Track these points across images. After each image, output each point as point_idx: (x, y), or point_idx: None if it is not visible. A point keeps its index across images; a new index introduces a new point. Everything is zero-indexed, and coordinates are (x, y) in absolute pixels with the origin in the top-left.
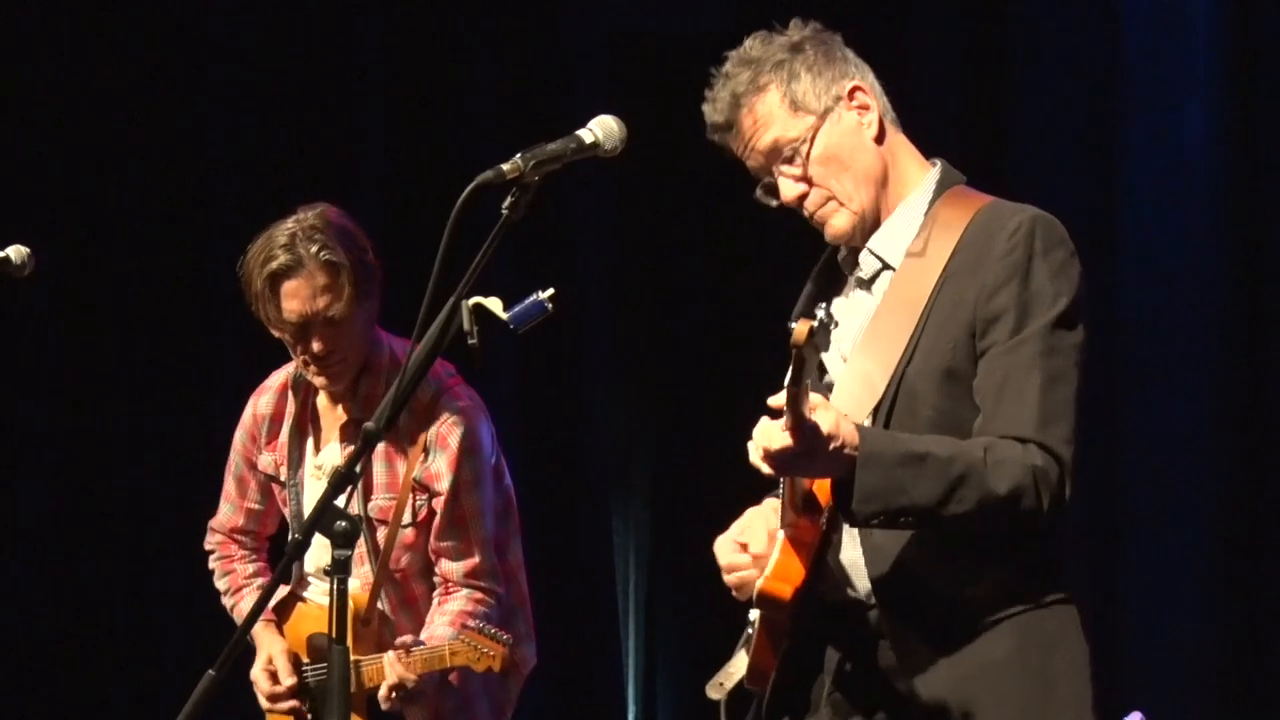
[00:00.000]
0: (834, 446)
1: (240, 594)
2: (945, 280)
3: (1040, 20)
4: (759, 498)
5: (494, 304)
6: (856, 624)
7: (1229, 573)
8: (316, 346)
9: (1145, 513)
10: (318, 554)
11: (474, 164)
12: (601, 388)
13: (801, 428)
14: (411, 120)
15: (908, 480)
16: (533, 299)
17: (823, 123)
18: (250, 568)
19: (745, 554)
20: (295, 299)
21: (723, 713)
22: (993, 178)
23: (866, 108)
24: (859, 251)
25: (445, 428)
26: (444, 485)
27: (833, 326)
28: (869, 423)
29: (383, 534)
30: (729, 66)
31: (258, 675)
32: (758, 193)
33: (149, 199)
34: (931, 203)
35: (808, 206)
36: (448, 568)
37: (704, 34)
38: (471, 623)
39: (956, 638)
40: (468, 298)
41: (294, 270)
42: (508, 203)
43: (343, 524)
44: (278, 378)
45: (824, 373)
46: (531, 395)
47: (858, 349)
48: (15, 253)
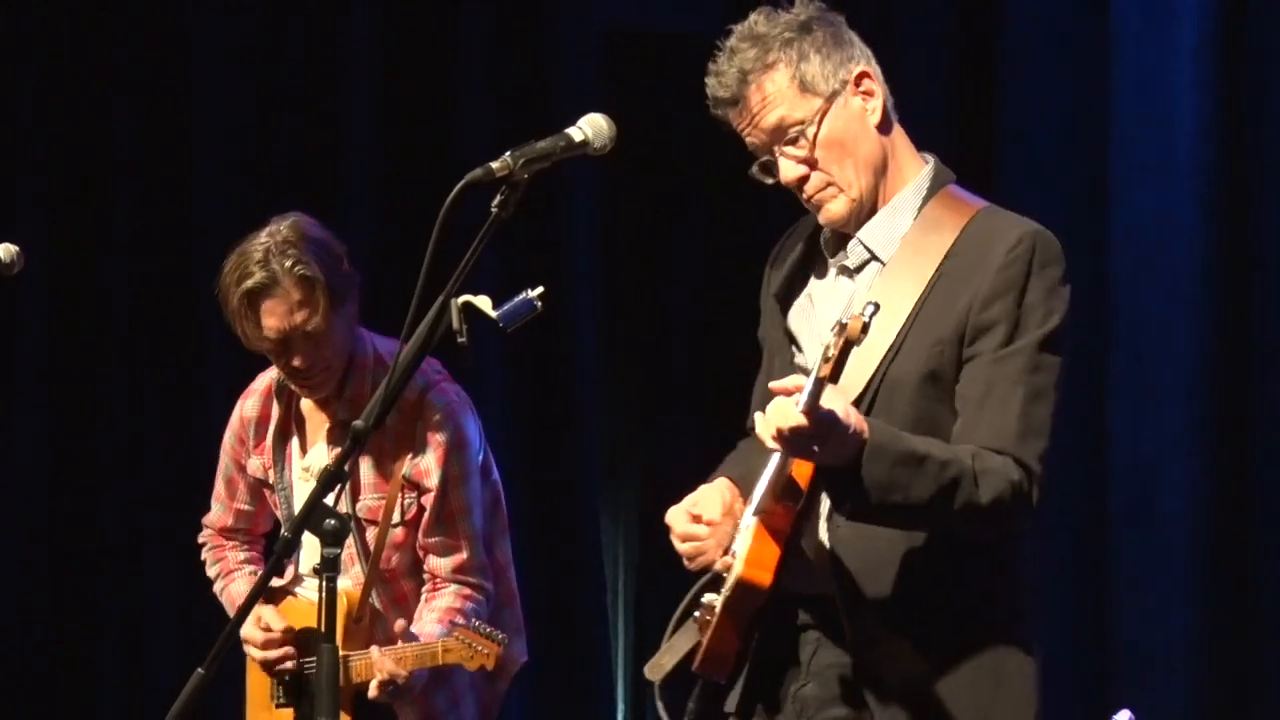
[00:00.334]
0: (846, 434)
1: (231, 577)
2: (937, 282)
3: (1030, 15)
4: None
5: (483, 302)
6: (819, 616)
7: (1218, 572)
8: (298, 362)
9: (1134, 512)
10: (310, 555)
11: (467, 161)
12: (590, 387)
13: (817, 411)
14: (404, 117)
15: (907, 478)
16: (522, 297)
17: (830, 106)
18: (242, 555)
19: (701, 524)
20: (272, 316)
21: (657, 695)
22: (983, 175)
23: (871, 94)
24: (845, 237)
25: (433, 424)
26: (432, 481)
27: (811, 310)
28: None
29: (372, 534)
30: (734, 41)
31: (249, 631)
32: (754, 169)
33: (138, 197)
34: (925, 199)
35: (806, 189)
36: (436, 564)
37: (700, 33)
38: (460, 619)
39: (915, 635)
40: (457, 296)
41: (270, 288)
42: (497, 201)
43: (332, 522)
44: (263, 381)
45: (797, 350)
46: (520, 394)
47: None
48: (4, 251)
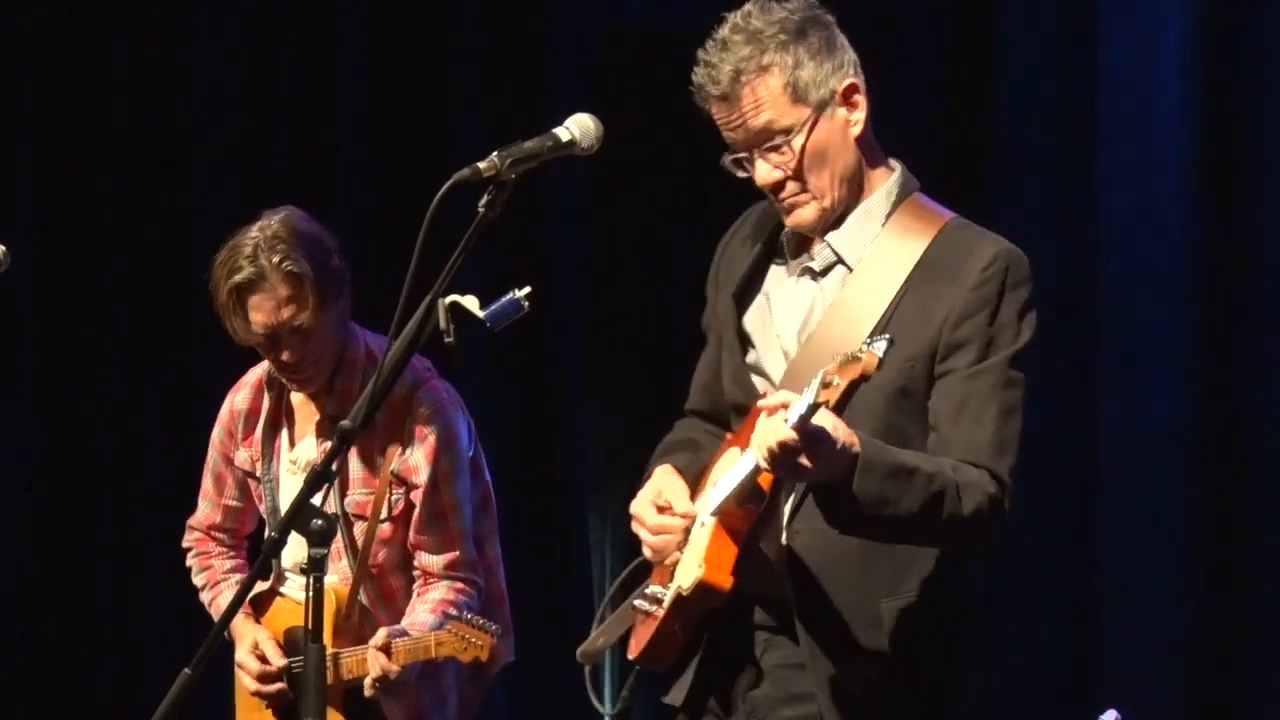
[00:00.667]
0: (835, 449)
1: (218, 588)
2: (905, 293)
3: (1019, 18)
4: None
5: (471, 302)
6: (774, 617)
7: (1206, 572)
8: (286, 356)
9: (1123, 512)
10: (294, 549)
11: (461, 160)
12: (578, 386)
13: (807, 427)
14: (395, 115)
15: (897, 492)
16: (509, 297)
17: (818, 117)
18: (228, 563)
19: (671, 515)
20: (260, 311)
21: (588, 681)
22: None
23: (857, 106)
24: (809, 238)
25: (422, 421)
26: (422, 478)
27: (768, 311)
28: None
29: (360, 529)
30: (727, 33)
31: (244, 658)
32: (726, 161)
33: (136, 197)
34: (894, 206)
35: (780, 194)
36: (427, 561)
37: (693, 33)
38: (454, 611)
39: (868, 638)
40: (444, 296)
41: (257, 283)
42: (484, 201)
43: (319, 522)
44: (254, 374)
45: (748, 347)
46: (508, 393)
47: (806, 346)
48: None
